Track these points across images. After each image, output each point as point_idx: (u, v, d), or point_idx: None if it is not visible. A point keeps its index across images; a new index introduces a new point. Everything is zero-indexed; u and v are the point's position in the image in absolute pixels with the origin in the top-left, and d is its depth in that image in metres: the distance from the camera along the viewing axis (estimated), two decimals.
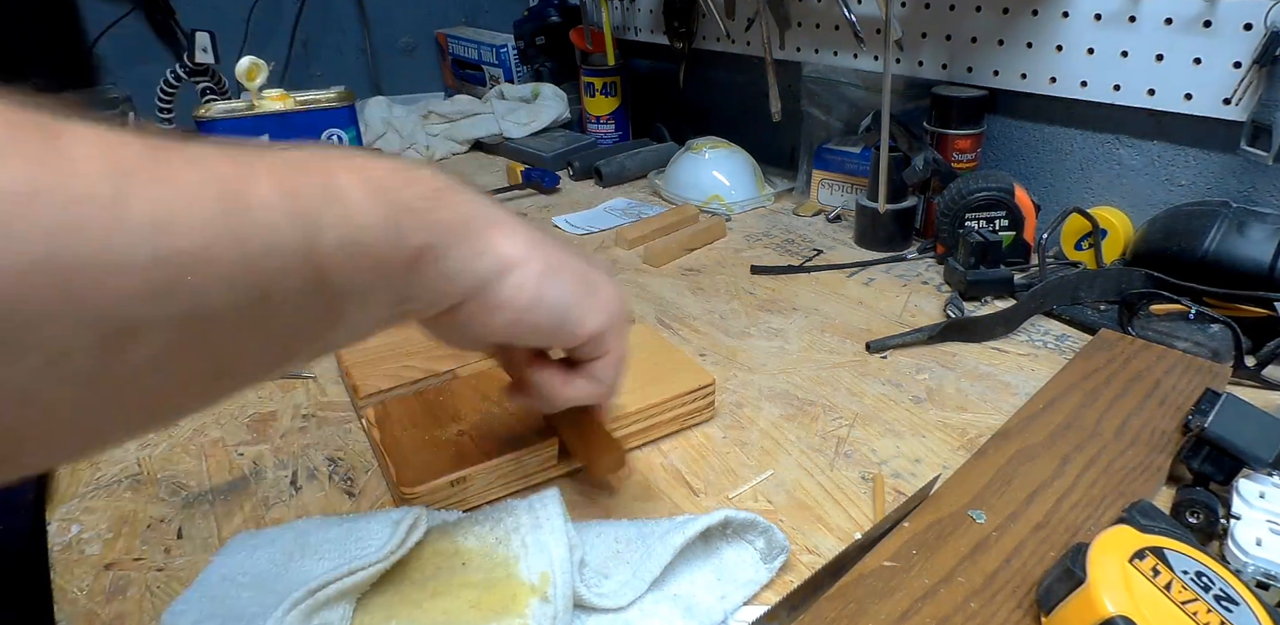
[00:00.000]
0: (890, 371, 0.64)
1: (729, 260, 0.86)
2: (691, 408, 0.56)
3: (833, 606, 0.39)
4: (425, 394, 0.56)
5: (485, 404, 0.55)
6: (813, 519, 0.48)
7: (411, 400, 0.55)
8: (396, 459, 0.49)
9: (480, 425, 0.52)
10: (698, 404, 0.56)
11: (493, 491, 0.50)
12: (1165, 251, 0.69)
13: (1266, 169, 0.70)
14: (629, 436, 0.54)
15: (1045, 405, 0.55)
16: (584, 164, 1.14)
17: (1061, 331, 0.69)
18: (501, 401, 0.55)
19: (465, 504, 0.49)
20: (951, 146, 0.83)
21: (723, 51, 1.17)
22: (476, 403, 0.55)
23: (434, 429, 0.52)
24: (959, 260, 0.76)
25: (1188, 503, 0.45)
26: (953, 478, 0.48)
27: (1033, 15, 0.80)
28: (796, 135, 1.02)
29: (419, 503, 0.47)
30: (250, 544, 0.43)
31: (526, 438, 0.51)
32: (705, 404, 0.57)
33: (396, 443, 0.51)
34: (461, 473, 0.48)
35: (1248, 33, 0.66)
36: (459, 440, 0.51)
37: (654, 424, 0.55)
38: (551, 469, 0.52)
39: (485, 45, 1.40)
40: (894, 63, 0.84)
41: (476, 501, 0.49)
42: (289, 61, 1.39)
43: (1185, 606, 0.34)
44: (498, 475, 0.49)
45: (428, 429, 0.52)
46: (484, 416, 0.53)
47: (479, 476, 0.48)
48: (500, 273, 0.33)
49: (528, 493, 0.50)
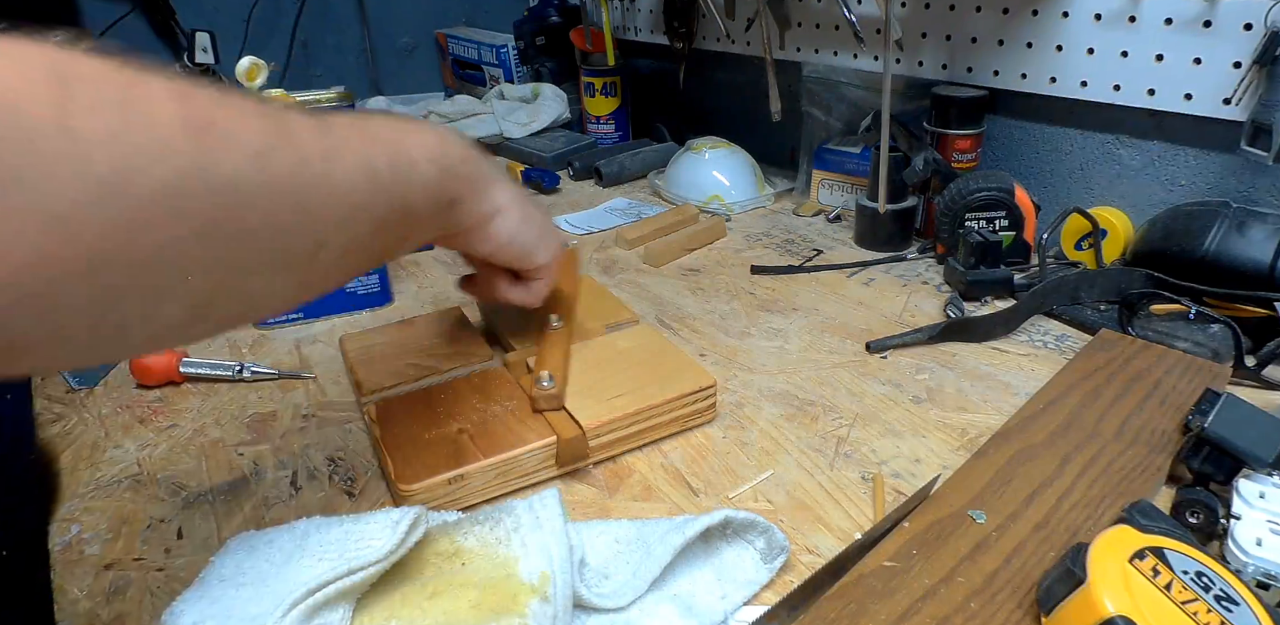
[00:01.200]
0: (890, 371, 0.64)
1: (729, 260, 0.86)
2: (692, 409, 0.56)
3: (833, 606, 0.39)
4: (428, 392, 0.56)
5: (487, 403, 0.55)
6: (813, 519, 0.48)
7: (413, 398, 0.55)
8: (395, 455, 0.49)
9: (480, 424, 0.52)
10: (698, 406, 0.56)
11: (491, 490, 0.50)
12: (1165, 251, 0.69)
13: (1266, 169, 0.70)
14: (627, 437, 0.54)
15: (1045, 405, 0.55)
16: (584, 164, 1.14)
17: (1061, 331, 0.69)
18: (503, 400, 0.55)
19: (463, 502, 0.49)
20: (951, 146, 0.83)
21: (723, 51, 1.17)
22: (478, 402, 0.55)
23: (434, 427, 0.52)
24: (959, 260, 0.76)
25: (1188, 503, 0.45)
26: (953, 478, 0.48)
27: (1033, 15, 0.80)
28: (796, 135, 1.02)
29: (416, 500, 0.47)
30: (250, 544, 0.43)
31: (526, 437, 0.51)
32: (706, 406, 0.57)
33: (396, 439, 0.51)
34: (459, 471, 0.48)
35: (1248, 33, 0.66)
36: (458, 438, 0.51)
37: (653, 425, 0.55)
38: (551, 468, 0.52)
39: (485, 45, 1.40)
40: (894, 63, 0.84)
41: (474, 500, 0.49)
42: (289, 62, 1.39)
43: (1185, 607, 0.34)
44: (496, 473, 0.49)
45: (428, 426, 0.52)
46: (484, 415, 0.53)
47: (477, 475, 0.49)
48: (493, 215, 0.49)
49: (527, 492, 0.51)
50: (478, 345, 0.64)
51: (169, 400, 0.63)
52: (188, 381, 0.65)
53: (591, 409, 0.53)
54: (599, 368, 0.57)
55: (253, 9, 1.35)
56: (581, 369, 0.57)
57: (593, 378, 0.56)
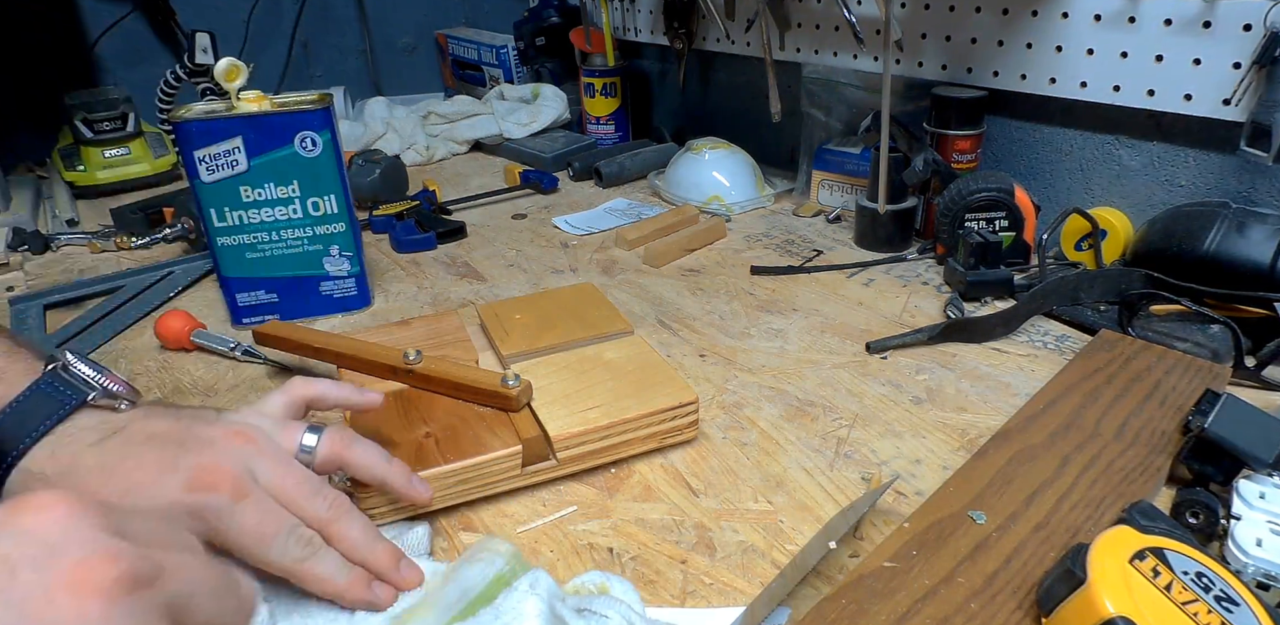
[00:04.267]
0: (890, 372, 0.64)
1: (729, 261, 0.86)
2: (670, 426, 0.53)
3: (832, 607, 0.39)
4: (403, 394, 0.56)
5: (459, 407, 0.54)
6: (813, 519, 0.48)
7: (389, 399, 0.54)
8: None
9: (448, 429, 0.51)
10: (677, 422, 0.53)
11: (450, 498, 0.49)
12: (1165, 252, 0.69)
13: (1266, 169, 0.70)
14: (600, 451, 0.52)
15: (1045, 406, 0.55)
16: (584, 164, 1.14)
17: (1061, 332, 0.69)
18: (474, 406, 0.54)
19: (416, 510, 0.48)
20: (951, 147, 0.83)
21: (723, 52, 1.17)
22: (452, 406, 0.54)
23: (403, 430, 0.51)
24: (959, 261, 0.76)
25: (1188, 503, 0.45)
26: (953, 478, 0.48)
27: (1032, 16, 0.80)
28: (796, 136, 1.02)
29: (370, 502, 0.46)
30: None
31: (491, 444, 0.49)
32: (686, 423, 0.54)
33: None
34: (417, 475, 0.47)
35: (1247, 33, 0.66)
36: (424, 442, 0.50)
37: (628, 440, 0.52)
38: (516, 479, 0.50)
39: (485, 46, 1.40)
40: (894, 63, 0.84)
41: (436, 507, 0.48)
42: (289, 62, 1.39)
43: (1185, 607, 0.34)
44: (456, 481, 0.48)
45: (397, 429, 0.51)
46: (454, 420, 0.52)
47: (433, 481, 0.47)
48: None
49: (497, 500, 0.50)
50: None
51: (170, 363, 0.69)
52: (198, 350, 0.71)
53: (562, 420, 0.51)
54: (579, 378, 0.56)
55: (253, 9, 1.35)
56: (562, 378, 0.56)
57: (571, 388, 0.55)
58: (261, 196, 0.69)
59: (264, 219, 0.70)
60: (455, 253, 0.91)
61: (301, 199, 0.71)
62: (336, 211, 0.72)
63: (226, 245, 0.71)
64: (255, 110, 0.67)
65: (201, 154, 0.67)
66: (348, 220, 0.73)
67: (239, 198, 0.69)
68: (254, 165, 0.68)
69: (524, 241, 0.94)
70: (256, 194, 0.69)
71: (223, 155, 0.67)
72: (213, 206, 0.69)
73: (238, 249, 0.71)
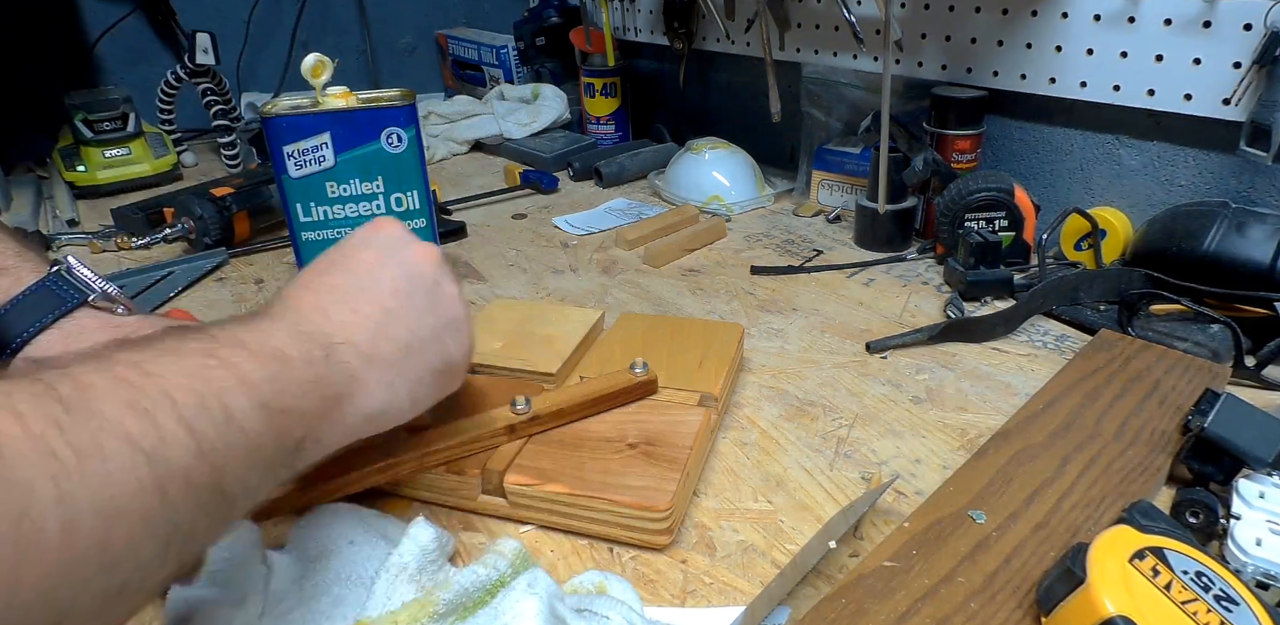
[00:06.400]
0: (890, 372, 0.64)
1: (729, 261, 0.86)
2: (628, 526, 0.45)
3: (832, 606, 0.39)
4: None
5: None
6: (813, 519, 0.48)
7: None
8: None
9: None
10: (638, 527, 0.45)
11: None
12: (1165, 251, 0.69)
13: (1266, 169, 0.70)
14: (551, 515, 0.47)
15: (1045, 405, 0.55)
16: (584, 164, 1.14)
17: (1061, 332, 0.69)
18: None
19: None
20: (951, 147, 0.83)
21: (723, 52, 1.17)
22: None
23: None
24: (959, 260, 0.76)
25: (1188, 503, 0.45)
26: (953, 478, 0.48)
27: (1032, 16, 0.80)
28: (796, 136, 1.02)
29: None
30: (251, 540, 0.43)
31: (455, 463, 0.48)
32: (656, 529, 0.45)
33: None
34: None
35: (1247, 33, 0.66)
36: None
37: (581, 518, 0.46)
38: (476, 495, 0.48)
39: (485, 46, 1.40)
40: (894, 63, 0.84)
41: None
42: (289, 62, 1.39)
43: (1185, 607, 0.34)
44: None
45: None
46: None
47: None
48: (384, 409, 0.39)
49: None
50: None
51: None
52: None
53: (525, 470, 0.47)
54: (580, 434, 0.51)
55: (253, 9, 1.35)
56: (570, 431, 0.51)
57: (567, 444, 0.50)
58: (347, 192, 0.70)
59: (348, 214, 0.71)
60: (455, 252, 0.91)
61: (385, 194, 0.71)
62: (419, 207, 0.72)
63: (311, 240, 0.71)
64: (343, 106, 0.67)
65: (290, 149, 0.67)
66: (428, 216, 0.73)
67: (324, 193, 0.69)
68: (340, 161, 0.68)
69: (524, 241, 0.94)
70: (342, 189, 0.70)
71: (310, 151, 0.67)
72: (299, 201, 0.69)
73: (322, 244, 0.71)
